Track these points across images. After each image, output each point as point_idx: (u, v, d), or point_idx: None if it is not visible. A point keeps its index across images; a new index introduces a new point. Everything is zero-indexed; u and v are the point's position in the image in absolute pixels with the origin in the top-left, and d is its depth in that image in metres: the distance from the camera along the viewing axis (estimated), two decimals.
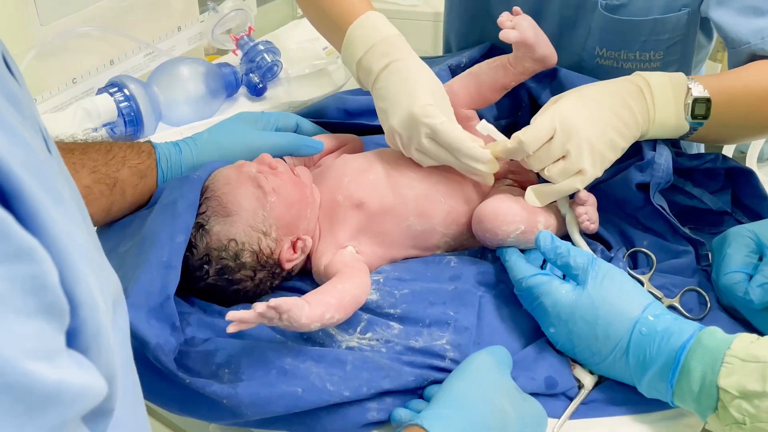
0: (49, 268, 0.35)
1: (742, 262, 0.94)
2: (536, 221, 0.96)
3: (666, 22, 1.16)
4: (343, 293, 0.84)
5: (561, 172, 0.94)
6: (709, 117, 0.99)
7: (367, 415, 0.80)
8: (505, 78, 1.07)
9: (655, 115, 0.99)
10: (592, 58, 1.24)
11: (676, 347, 0.79)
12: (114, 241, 0.95)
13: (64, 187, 0.43)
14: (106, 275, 0.46)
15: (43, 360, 0.34)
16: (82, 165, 0.91)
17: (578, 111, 0.95)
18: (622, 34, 1.19)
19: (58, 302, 0.36)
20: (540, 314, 0.88)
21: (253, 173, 0.95)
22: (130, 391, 0.50)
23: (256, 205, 0.93)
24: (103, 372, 0.39)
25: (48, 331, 0.35)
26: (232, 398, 0.77)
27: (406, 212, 0.98)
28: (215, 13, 1.50)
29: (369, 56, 1.01)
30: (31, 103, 0.45)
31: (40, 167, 0.38)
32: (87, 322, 0.38)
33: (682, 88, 1.00)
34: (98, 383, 0.38)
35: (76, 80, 1.38)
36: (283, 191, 0.94)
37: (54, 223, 0.36)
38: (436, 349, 0.84)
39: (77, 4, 1.37)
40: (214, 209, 0.92)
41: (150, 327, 0.80)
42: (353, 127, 1.22)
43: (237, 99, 1.46)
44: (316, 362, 0.80)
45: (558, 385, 0.86)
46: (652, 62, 1.21)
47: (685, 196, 1.08)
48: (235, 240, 0.91)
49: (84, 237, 0.42)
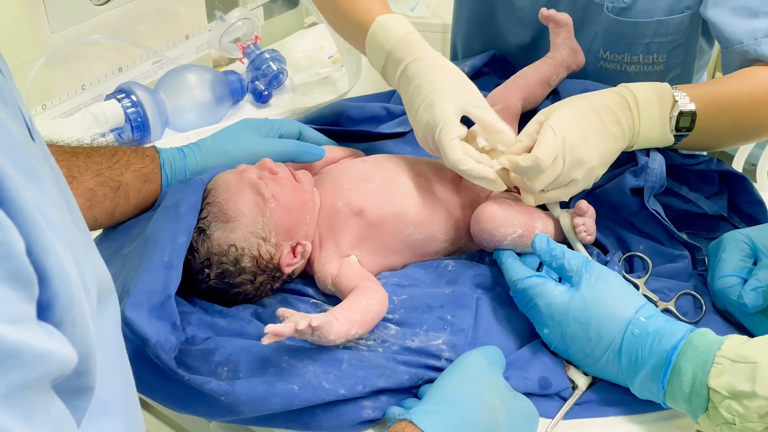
0: (13, 237, 0.36)
1: (737, 266, 0.94)
2: (534, 226, 0.97)
3: (669, 24, 1.18)
4: (367, 310, 0.86)
5: (552, 185, 0.96)
6: (693, 129, 1.01)
7: (363, 413, 0.81)
8: (549, 71, 1.16)
9: (640, 128, 1.00)
10: (597, 62, 1.26)
11: (667, 348, 0.80)
12: (118, 243, 0.97)
13: (44, 171, 0.44)
14: (92, 263, 0.47)
15: (6, 322, 0.35)
16: (87, 168, 0.93)
17: (574, 127, 0.95)
18: (627, 36, 1.21)
19: (23, 270, 0.36)
20: (534, 315, 0.89)
21: (253, 179, 0.96)
22: (119, 377, 0.51)
23: (256, 212, 0.94)
24: (77, 346, 0.40)
25: (12, 298, 0.36)
26: (229, 395, 0.79)
27: (407, 221, 0.99)
28: (223, 22, 1.52)
29: (389, 65, 1.03)
30: (14, 92, 0.47)
31: (16, 148, 0.39)
32: (59, 295, 0.39)
33: (668, 100, 1.01)
34: (65, 350, 0.38)
35: (85, 87, 1.41)
36: (282, 198, 0.96)
37: (22, 196, 0.37)
38: (431, 349, 0.86)
39: (87, 12, 1.39)
40: (215, 215, 0.93)
41: (151, 325, 0.81)
42: (356, 134, 1.23)
43: (242, 106, 1.47)
44: (312, 361, 0.82)
45: (552, 386, 0.86)
46: (656, 65, 1.22)
47: (680, 200, 1.08)
48: (235, 245, 0.93)
49: (62, 219, 0.43)
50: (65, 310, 0.39)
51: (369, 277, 0.94)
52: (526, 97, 1.15)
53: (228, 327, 0.89)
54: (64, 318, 0.39)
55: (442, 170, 1.03)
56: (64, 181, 0.51)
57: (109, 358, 0.49)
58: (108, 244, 0.98)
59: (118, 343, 0.52)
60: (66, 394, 0.40)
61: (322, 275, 0.97)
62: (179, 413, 0.94)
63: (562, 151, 0.93)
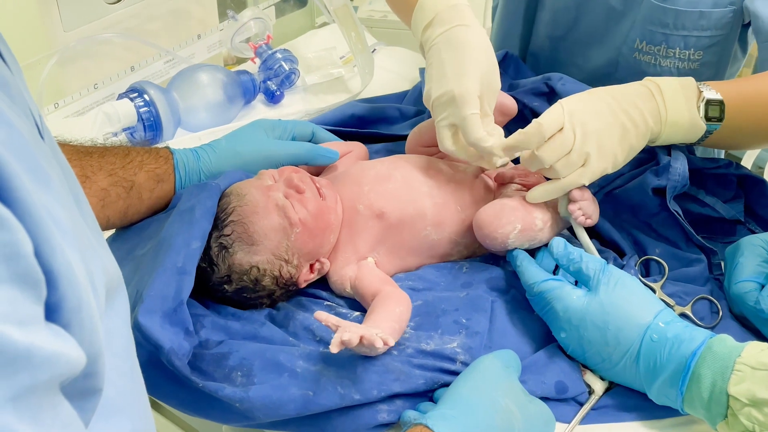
0: (21, 238, 0.35)
1: (754, 271, 0.94)
2: (533, 217, 0.96)
3: (711, 17, 1.16)
4: (401, 317, 0.87)
5: (566, 164, 0.94)
6: (724, 120, 0.99)
7: (378, 417, 0.80)
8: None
9: (667, 115, 0.98)
10: (631, 53, 1.24)
11: (686, 354, 0.79)
12: (132, 243, 0.97)
13: (53, 169, 0.43)
14: (102, 261, 0.47)
15: (14, 324, 0.34)
16: (100, 168, 0.93)
17: (585, 105, 0.95)
18: (666, 26, 1.19)
19: (31, 272, 0.36)
20: (551, 319, 0.89)
21: (281, 201, 0.94)
22: (128, 376, 0.50)
23: (282, 236, 0.93)
24: (86, 348, 0.39)
25: (21, 299, 0.35)
26: (244, 402, 0.78)
27: (425, 222, 0.98)
28: (234, 22, 1.52)
29: (435, 22, 1.02)
30: (23, 90, 0.46)
31: (24, 147, 0.39)
32: (67, 297, 0.38)
33: (693, 91, 0.99)
34: (74, 353, 0.38)
35: (97, 86, 1.40)
36: (309, 223, 0.94)
37: (30, 197, 0.37)
38: (447, 352, 0.85)
39: (100, 11, 1.39)
40: (239, 235, 0.92)
41: (164, 331, 0.81)
42: (367, 136, 1.23)
43: (254, 106, 1.47)
44: (327, 365, 0.81)
45: (568, 390, 0.86)
46: (691, 62, 1.21)
47: (697, 204, 1.08)
48: (258, 267, 0.92)
49: (71, 218, 0.43)
50: (73, 311, 0.39)
51: (389, 281, 0.94)
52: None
53: (242, 330, 0.89)
54: (73, 320, 0.39)
55: (457, 170, 1.03)
56: (74, 179, 0.50)
57: (117, 357, 0.49)
58: (120, 244, 0.98)
59: (126, 341, 0.51)
60: (74, 395, 0.40)
61: (339, 279, 0.96)
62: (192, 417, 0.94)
63: (571, 124, 0.92)
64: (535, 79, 1.22)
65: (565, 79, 1.18)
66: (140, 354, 0.80)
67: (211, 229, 0.92)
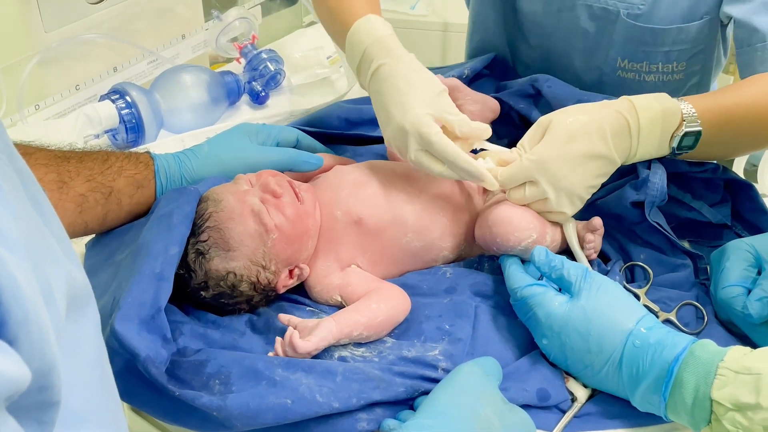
0: None
1: (741, 275, 0.93)
2: (545, 232, 0.96)
3: (689, 31, 1.16)
4: (376, 313, 0.87)
5: (539, 210, 0.96)
6: (696, 146, 0.98)
7: (357, 426, 0.79)
8: None
9: (637, 152, 0.97)
10: (614, 71, 1.23)
11: (669, 360, 0.79)
12: (111, 248, 0.95)
13: (5, 179, 0.42)
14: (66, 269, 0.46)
15: None
16: (78, 173, 0.92)
17: (560, 160, 0.93)
18: (646, 44, 1.18)
19: None
20: (533, 325, 0.88)
21: (256, 206, 0.92)
22: (98, 385, 0.49)
23: (258, 243, 0.92)
24: (36, 363, 0.38)
25: None
26: (221, 410, 0.77)
27: (405, 228, 0.97)
28: (219, 22, 1.51)
29: (362, 64, 1.01)
30: None
31: None
32: (11, 310, 0.37)
33: (675, 118, 0.96)
34: (15, 370, 0.37)
35: (79, 87, 1.39)
36: (285, 228, 0.93)
37: None
38: (428, 359, 0.84)
39: (81, 11, 1.38)
40: (216, 240, 0.91)
41: (141, 339, 0.80)
42: (354, 138, 1.21)
43: (239, 107, 1.46)
44: (306, 373, 0.80)
45: (551, 398, 0.85)
46: (675, 74, 1.20)
47: (684, 208, 1.07)
48: (234, 273, 0.91)
49: (27, 228, 0.42)
50: (20, 325, 0.37)
51: (381, 280, 0.93)
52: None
53: (221, 339, 0.88)
54: (20, 333, 0.37)
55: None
56: (35, 184, 0.49)
57: (84, 365, 0.48)
58: (100, 249, 0.97)
59: (96, 349, 0.50)
60: (28, 409, 0.39)
61: (324, 288, 0.95)
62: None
63: (544, 175, 0.92)
64: (522, 80, 1.21)
65: (552, 80, 1.17)
66: (117, 361, 0.79)
67: (189, 235, 0.91)
